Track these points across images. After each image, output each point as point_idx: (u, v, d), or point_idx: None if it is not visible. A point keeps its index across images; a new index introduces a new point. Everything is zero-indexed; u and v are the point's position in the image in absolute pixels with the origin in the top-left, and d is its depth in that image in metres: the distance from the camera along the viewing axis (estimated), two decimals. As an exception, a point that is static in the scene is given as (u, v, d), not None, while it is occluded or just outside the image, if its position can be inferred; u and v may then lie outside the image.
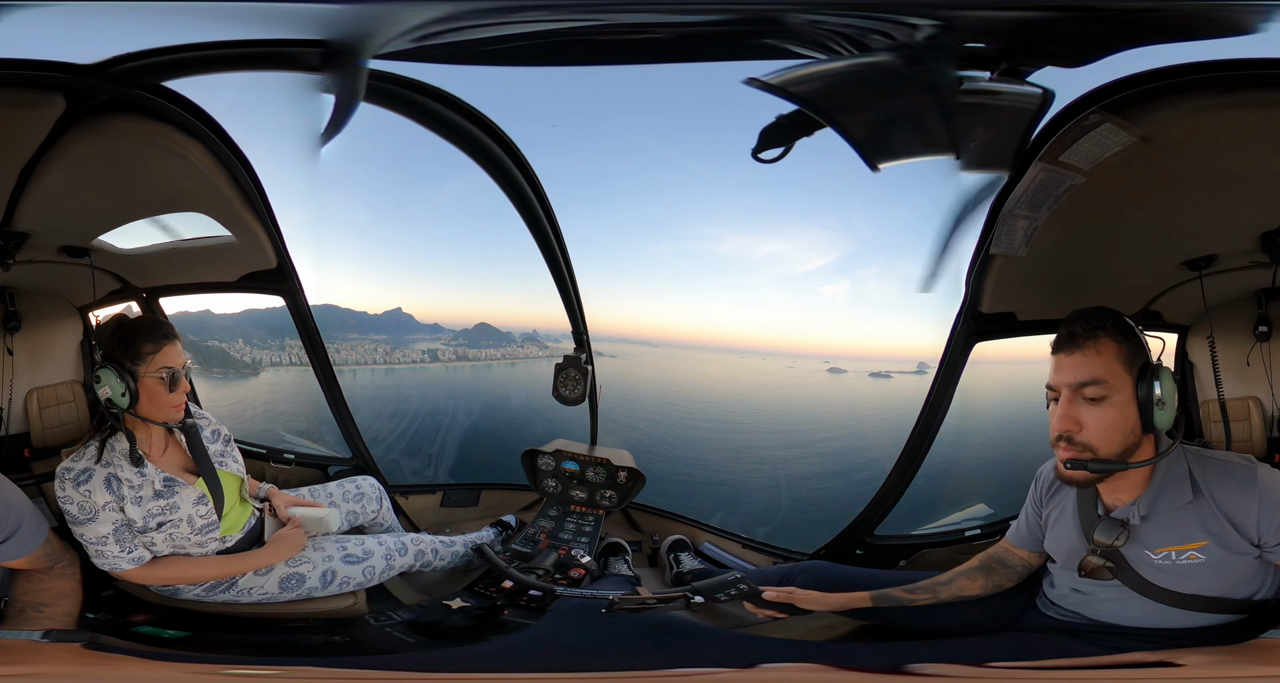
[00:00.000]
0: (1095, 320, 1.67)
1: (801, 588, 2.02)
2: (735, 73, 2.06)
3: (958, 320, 2.22)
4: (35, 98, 1.94)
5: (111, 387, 1.91)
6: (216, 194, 2.26)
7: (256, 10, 1.93)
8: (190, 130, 2.13)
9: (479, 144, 2.43)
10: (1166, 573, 1.71)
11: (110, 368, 1.92)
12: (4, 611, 1.89)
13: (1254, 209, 1.99)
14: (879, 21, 1.77)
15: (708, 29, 1.99)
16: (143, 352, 1.93)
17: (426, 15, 1.91)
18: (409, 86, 2.25)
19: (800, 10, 1.83)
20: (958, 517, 2.41)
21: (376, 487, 2.45)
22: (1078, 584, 1.81)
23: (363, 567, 2.16)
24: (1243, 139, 1.92)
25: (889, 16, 1.76)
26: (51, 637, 1.80)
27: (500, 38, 2.00)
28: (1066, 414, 1.66)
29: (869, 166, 2.12)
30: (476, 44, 2.03)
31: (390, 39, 2.01)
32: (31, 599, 1.89)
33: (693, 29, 2.00)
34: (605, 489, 2.70)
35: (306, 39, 2.01)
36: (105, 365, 1.92)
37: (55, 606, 1.89)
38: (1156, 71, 1.84)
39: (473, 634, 2.04)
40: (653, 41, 2.05)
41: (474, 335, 2.93)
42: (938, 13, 1.74)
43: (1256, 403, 2.14)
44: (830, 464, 2.59)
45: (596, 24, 1.97)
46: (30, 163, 2.01)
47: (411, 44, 2.03)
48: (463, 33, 1.98)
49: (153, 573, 1.99)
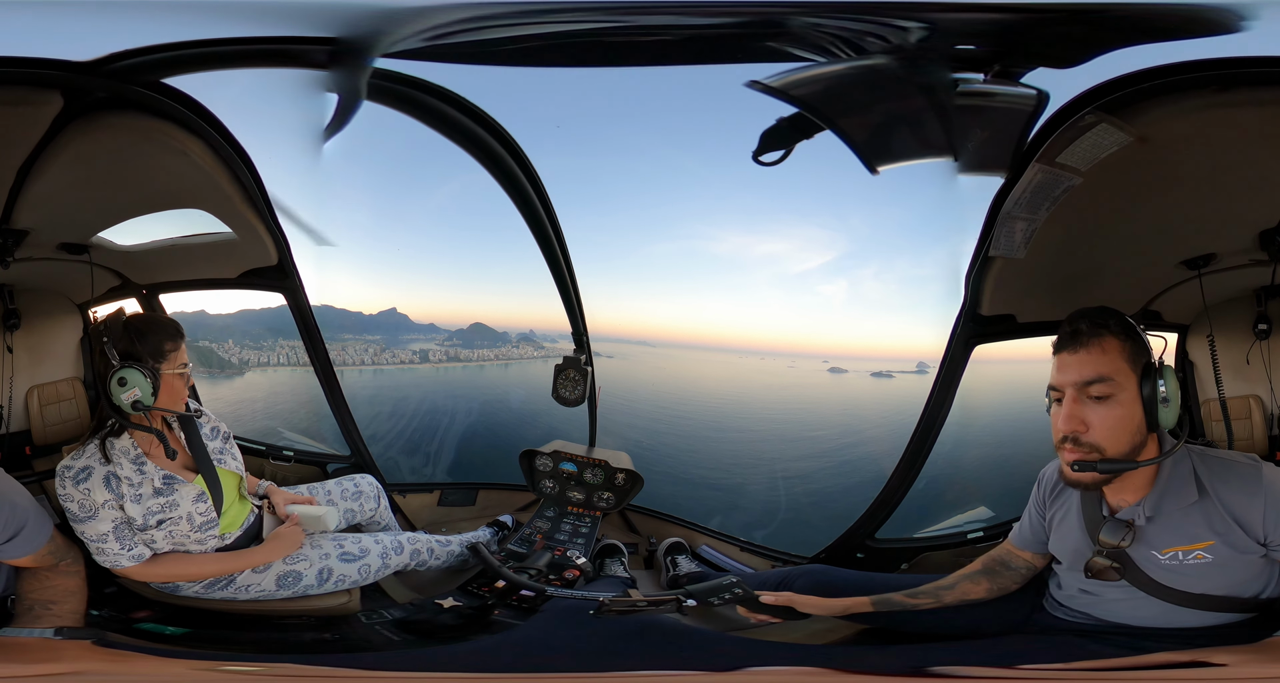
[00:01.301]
0: (1099, 319, 1.65)
1: (801, 593, 2.00)
2: (735, 75, 2.07)
3: (957, 323, 2.21)
4: (32, 95, 1.94)
5: (141, 387, 1.88)
6: (217, 191, 2.27)
7: (258, 7, 1.95)
8: (191, 127, 2.14)
9: (482, 144, 2.44)
10: (1174, 573, 1.69)
11: (134, 367, 1.89)
12: (13, 608, 1.90)
13: (1252, 207, 1.97)
14: (875, 25, 1.77)
15: (709, 32, 1.99)
16: (165, 349, 1.93)
17: (438, 19, 1.93)
18: (414, 86, 2.27)
19: (800, 14, 1.84)
20: (959, 519, 2.39)
21: (375, 485, 2.46)
22: (1085, 585, 1.79)
23: (359, 565, 2.16)
24: (1239, 137, 1.91)
25: (884, 20, 1.75)
26: (63, 634, 1.81)
27: (507, 39, 2.02)
28: (1072, 414, 1.63)
29: (868, 169, 2.12)
30: (483, 45, 2.05)
31: (401, 38, 2.02)
32: (40, 597, 1.90)
33: (694, 32, 2.00)
34: (603, 491, 2.69)
35: (313, 37, 2.03)
36: (128, 365, 1.89)
37: (63, 603, 1.90)
38: (1151, 71, 1.83)
39: (461, 634, 2.04)
40: (654, 44, 2.06)
41: (468, 335, 2.93)
42: (929, 15, 1.75)
43: (1257, 401, 2.14)
44: (829, 464, 2.57)
45: (600, 27, 1.98)
46: (29, 160, 2.03)
47: (422, 43, 2.04)
48: (471, 34, 1.99)
49: (153, 570, 1.99)
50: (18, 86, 1.90)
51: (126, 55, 1.90)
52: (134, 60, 1.91)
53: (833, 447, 2.58)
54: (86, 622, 1.91)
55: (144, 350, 1.91)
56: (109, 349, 1.91)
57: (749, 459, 2.63)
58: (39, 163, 2.01)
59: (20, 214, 2.09)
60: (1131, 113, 1.90)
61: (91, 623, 1.91)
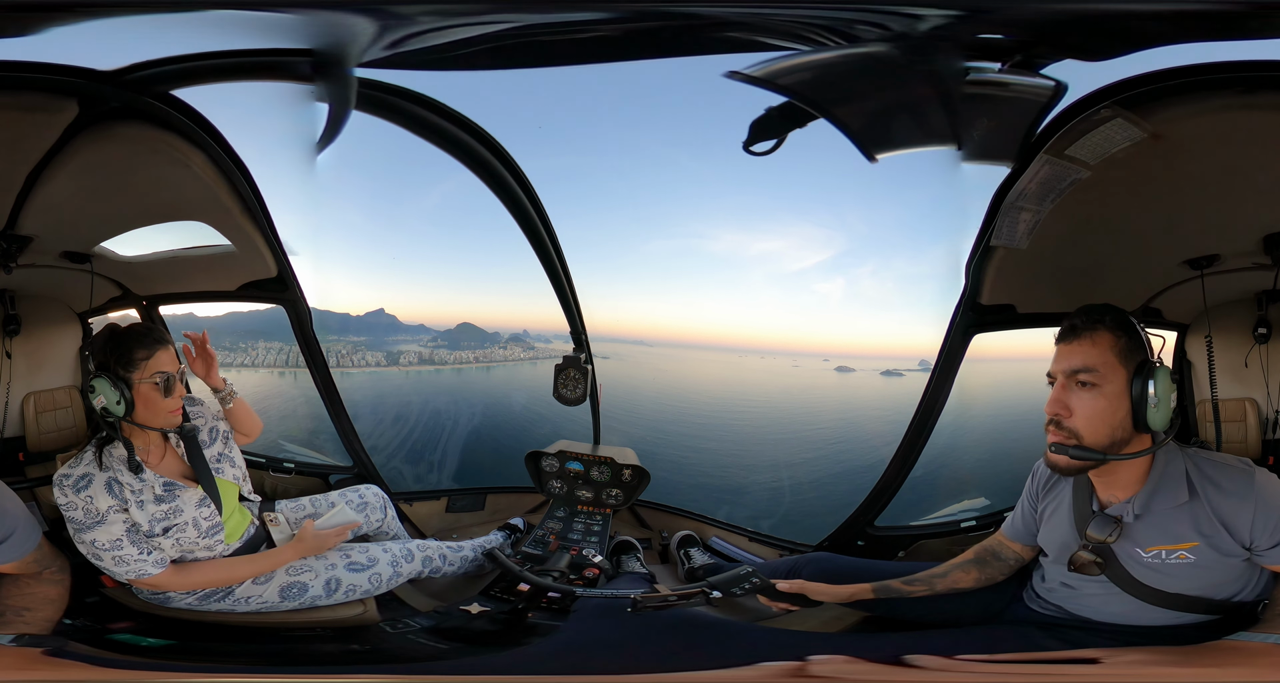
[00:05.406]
0: (1096, 314, 1.71)
1: (809, 580, 2.06)
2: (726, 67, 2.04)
3: (957, 312, 2.24)
4: (50, 102, 1.91)
5: (106, 395, 1.88)
6: (217, 203, 2.25)
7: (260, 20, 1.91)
8: (193, 139, 2.11)
9: (467, 148, 2.43)
10: (1154, 571, 1.73)
11: (104, 376, 1.88)
12: None
13: (1260, 211, 2.00)
14: (888, 15, 1.77)
15: (696, 23, 1.96)
16: (135, 358, 1.89)
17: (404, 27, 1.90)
18: (398, 94, 2.25)
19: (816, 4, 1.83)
20: (954, 509, 2.45)
21: (380, 495, 2.42)
22: (1067, 579, 1.84)
23: (369, 574, 2.14)
24: (1256, 140, 1.92)
25: (905, 9, 1.76)
26: (21, 641, 1.78)
27: (487, 37, 1.98)
28: (1057, 398, 1.71)
29: (867, 159, 2.11)
30: (459, 46, 2.01)
31: (367, 47, 1.99)
32: (15, 603, 1.86)
33: (682, 23, 1.97)
34: (611, 488, 2.71)
35: (303, 48, 2.00)
36: (99, 374, 1.89)
37: (38, 610, 1.87)
38: (1177, 69, 1.84)
39: (500, 638, 2.03)
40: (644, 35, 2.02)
41: (455, 336, 2.91)
42: (964, 2, 1.73)
43: (1253, 404, 2.16)
44: (829, 454, 2.62)
45: (581, 20, 1.95)
46: (38, 167, 1.99)
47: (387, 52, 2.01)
48: (441, 35, 1.96)
49: (186, 578, 1.96)
50: (37, 93, 1.87)
51: (145, 66, 1.88)
52: (150, 71, 1.89)
53: (831, 436, 2.64)
54: (56, 631, 1.87)
55: (114, 360, 1.89)
56: (89, 359, 1.93)
57: (750, 460, 2.67)
58: (48, 170, 1.98)
59: (25, 220, 2.05)
60: (1149, 109, 1.91)
61: (60, 632, 1.87)
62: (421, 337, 2.88)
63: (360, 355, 2.79)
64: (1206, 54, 1.79)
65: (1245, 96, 1.85)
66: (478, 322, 2.93)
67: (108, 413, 1.88)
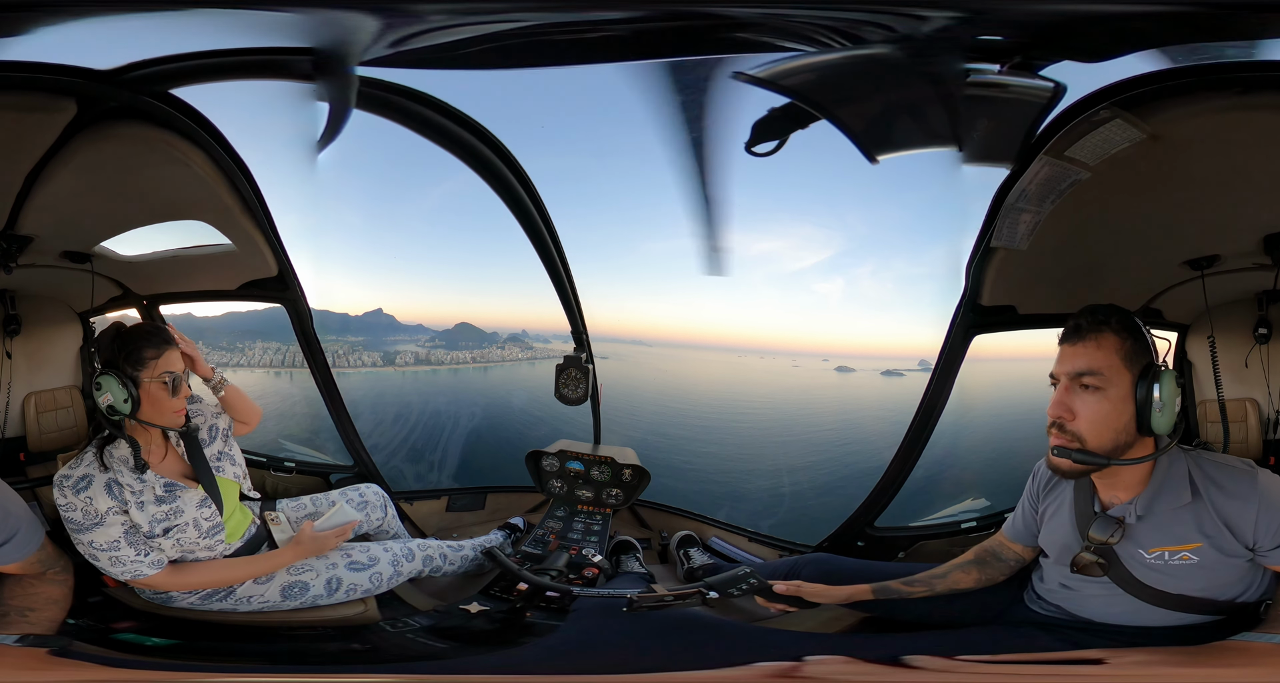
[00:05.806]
0: (1101, 315, 1.69)
1: (808, 581, 2.04)
2: (727, 67, 2.05)
3: (957, 312, 2.24)
4: (49, 102, 1.91)
5: (113, 393, 1.88)
6: (218, 202, 2.25)
7: (260, 19, 1.91)
8: (193, 138, 2.11)
9: (469, 148, 2.43)
10: (1157, 572, 1.71)
11: (112, 374, 1.88)
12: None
13: (1260, 211, 1.99)
14: (892, 15, 1.76)
15: (703, 23, 1.94)
16: (144, 357, 1.90)
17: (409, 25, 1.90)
18: (401, 93, 2.25)
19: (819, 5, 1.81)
20: (955, 509, 2.45)
21: (381, 494, 2.43)
22: (1067, 580, 1.83)
23: (369, 573, 2.14)
24: (1255, 141, 1.92)
25: (907, 10, 1.74)
26: (25, 642, 1.77)
27: (493, 36, 1.97)
28: (1060, 401, 1.68)
29: (867, 160, 2.10)
30: (464, 44, 2.00)
31: (368, 45, 1.99)
32: (18, 603, 1.86)
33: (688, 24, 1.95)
34: (611, 488, 2.71)
35: (303, 47, 2.00)
36: (106, 372, 1.89)
37: (42, 610, 1.87)
38: (1176, 70, 1.83)
39: (499, 638, 2.03)
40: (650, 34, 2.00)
41: (453, 336, 2.91)
42: (964, 3, 1.72)
43: (1254, 405, 2.15)
44: (832, 456, 2.62)
45: (589, 20, 1.93)
46: (37, 166, 1.99)
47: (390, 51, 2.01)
48: (448, 33, 1.95)
49: (183, 578, 1.96)
50: (36, 93, 1.86)
51: (144, 65, 1.88)
52: (149, 70, 1.89)
53: (831, 437, 2.64)
54: (59, 631, 1.86)
55: (122, 358, 1.89)
56: (95, 356, 1.92)
57: (751, 459, 2.66)
58: (47, 170, 1.97)
59: (26, 220, 2.05)
60: (1149, 110, 1.90)
61: (64, 632, 1.87)
62: (419, 337, 2.88)
63: (357, 356, 2.79)
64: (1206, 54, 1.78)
65: (1243, 97, 1.84)
66: (476, 322, 2.93)
67: (113, 411, 1.89)
